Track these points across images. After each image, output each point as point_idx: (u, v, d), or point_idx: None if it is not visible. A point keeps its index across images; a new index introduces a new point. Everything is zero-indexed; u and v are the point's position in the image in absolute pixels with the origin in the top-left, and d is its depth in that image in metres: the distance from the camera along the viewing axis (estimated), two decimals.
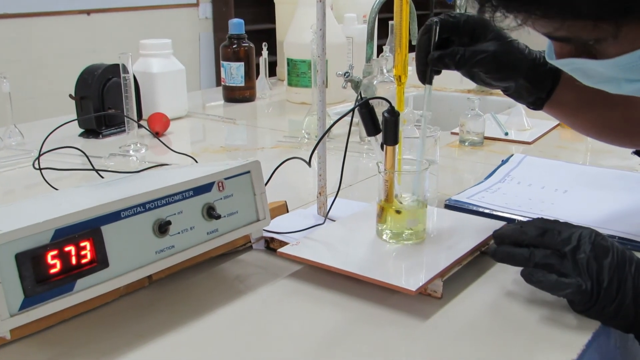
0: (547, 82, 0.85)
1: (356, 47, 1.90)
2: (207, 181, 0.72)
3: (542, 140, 1.38)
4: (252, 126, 1.62)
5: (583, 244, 0.66)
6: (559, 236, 0.67)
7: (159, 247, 0.67)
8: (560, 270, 0.66)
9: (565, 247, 0.66)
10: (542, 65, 0.84)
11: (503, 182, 1.06)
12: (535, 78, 0.84)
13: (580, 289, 0.65)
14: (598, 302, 0.65)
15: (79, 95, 1.39)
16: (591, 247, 0.66)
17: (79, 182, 1.10)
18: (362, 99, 0.75)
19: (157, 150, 1.32)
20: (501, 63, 0.81)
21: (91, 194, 0.74)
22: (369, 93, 1.38)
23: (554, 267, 0.67)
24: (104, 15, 3.86)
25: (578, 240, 0.66)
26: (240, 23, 1.79)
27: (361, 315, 0.68)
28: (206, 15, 4.44)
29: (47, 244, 0.59)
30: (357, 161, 1.26)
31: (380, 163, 0.78)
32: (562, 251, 0.67)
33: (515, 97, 0.87)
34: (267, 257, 0.82)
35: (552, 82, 0.85)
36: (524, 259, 0.69)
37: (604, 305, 0.64)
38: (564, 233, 0.68)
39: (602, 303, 0.64)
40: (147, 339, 0.64)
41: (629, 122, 0.92)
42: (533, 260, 0.68)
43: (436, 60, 0.82)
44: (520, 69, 0.83)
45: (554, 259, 0.67)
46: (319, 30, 0.81)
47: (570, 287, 0.65)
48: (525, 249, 0.69)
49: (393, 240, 0.79)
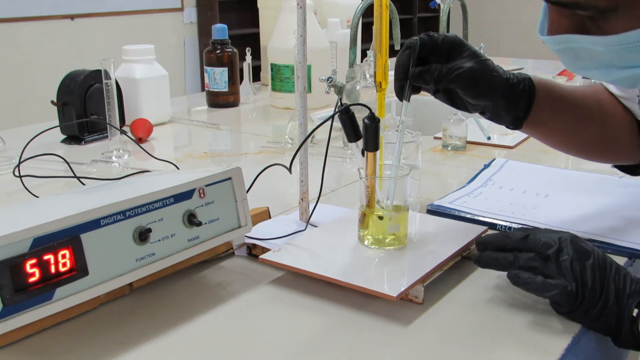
0: (522, 101, 0.85)
1: (340, 52, 1.90)
2: (187, 188, 0.72)
3: (524, 145, 1.39)
4: (236, 131, 1.62)
5: (565, 247, 0.67)
6: (541, 240, 0.68)
7: (140, 254, 0.67)
8: (544, 273, 0.67)
9: (548, 250, 0.67)
10: (517, 85, 0.84)
11: (485, 187, 1.07)
12: (511, 96, 0.84)
13: (566, 290, 0.65)
14: (583, 303, 0.65)
15: (61, 102, 1.38)
16: (573, 250, 0.67)
17: (60, 189, 1.09)
18: (342, 105, 0.75)
19: (140, 157, 1.32)
20: (477, 79, 0.82)
21: (71, 202, 0.73)
22: (352, 98, 1.38)
23: (538, 270, 0.67)
24: (88, 20, 3.84)
25: (559, 243, 0.67)
26: (224, 28, 1.79)
27: (342, 321, 0.68)
28: (191, 19, 4.44)
29: (26, 253, 0.58)
30: (340, 166, 1.26)
31: (362, 169, 0.78)
32: (545, 254, 0.67)
33: (495, 118, 0.87)
34: (249, 263, 0.82)
35: (527, 101, 0.85)
36: (509, 263, 0.69)
37: (589, 307, 0.65)
38: (545, 237, 0.69)
39: (587, 304, 0.65)
40: (128, 347, 0.64)
41: (602, 139, 0.94)
42: (518, 264, 0.69)
43: (416, 76, 0.82)
44: (496, 87, 0.83)
45: (538, 262, 0.68)
46: (300, 36, 0.81)
47: (557, 288, 0.66)
48: (510, 253, 0.70)
49: (375, 246, 0.79)
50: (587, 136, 0.93)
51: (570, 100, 0.91)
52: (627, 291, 0.65)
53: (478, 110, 0.86)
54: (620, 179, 1.10)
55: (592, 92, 0.95)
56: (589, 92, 0.95)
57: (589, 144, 0.94)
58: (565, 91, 0.91)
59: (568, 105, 0.90)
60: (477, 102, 0.84)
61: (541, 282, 0.67)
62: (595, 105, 0.93)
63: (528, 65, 2.61)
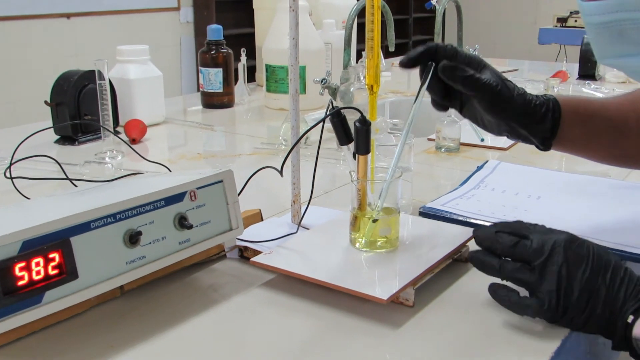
0: (547, 121, 0.84)
1: (335, 53, 1.91)
2: (179, 191, 0.72)
3: (518, 147, 1.39)
4: (230, 132, 1.62)
5: (556, 254, 0.65)
6: (531, 247, 0.67)
7: (130, 257, 0.67)
8: (529, 283, 0.66)
9: (536, 260, 0.66)
10: (539, 106, 0.84)
11: (477, 189, 1.07)
12: (533, 116, 0.83)
13: (541, 309, 0.65)
14: (566, 314, 0.65)
15: (55, 102, 1.38)
16: (564, 257, 0.65)
17: (52, 190, 1.09)
18: (334, 108, 0.75)
19: (133, 158, 1.31)
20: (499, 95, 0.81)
21: (61, 204, 0.73)
22: (346, 100, 1.38)
23: (522, 281, 0.67)
24: (85, 19, 3.84)
25: (551, 250, 0.66)
26: (219, 29, 1.79)
27: (333, 324, 0.69)
28: (187, 19, 4.44)
29: (15, 256, 0.58)
30: (334, 168, 1.26)
31: (353, 172, 0.78)
32: (532, 264, 0.66)
33: (519, 138, 0.87)
34: (240, 266, 0.82)
35: (552, 121, 0.85)
36: (495, 271, 0.69)
37: (573, 316, 0.65)
38: (537, 242, 0.67)
39: (570, 315, 0.65)
40: (118, 350, 0.64)
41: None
42: (503, 273, 0.68)
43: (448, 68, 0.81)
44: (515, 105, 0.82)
45: (523, 274, 0.67)
46: (292, 39, 0.81)
47: (530, 308, 0.66)
48: (497, 260, 0.69)
49: (366, 249, 0.79)
50: (627, 148, 0.90)
51: (602, 114, 0.89)
52: (621, 298, 0.64)
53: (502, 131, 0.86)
54: (612, 180, 1.10)
55: (629, 102, 0.92)
56: (624, 102, 0.92)
57: (631, 155, 0.91)
58: (595, 106, 0.89)
59: (600, 120, 0.88)
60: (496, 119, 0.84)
61: (515, 301, 0.66)
62: (632, 115, 0.90)
63: (523, 67, 2.62)
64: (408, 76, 2.45)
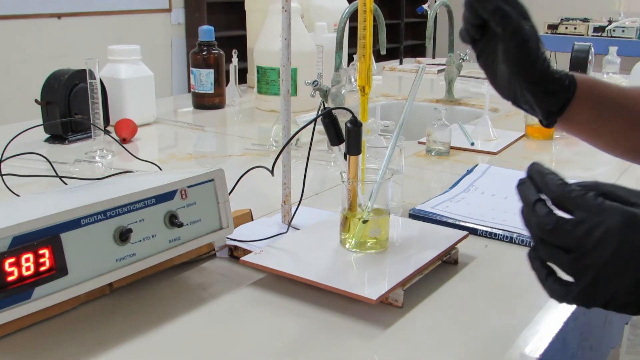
0: (559, 95, 0.80)
1: (327, 56, 1.91)
2: (169, 189, 0.72)
3: (508, 151, 1.40)
4: (221, 133, 1.62)
5: (608, 241, 0.52)
6: (576, 230, 0.53)
7: (120, 255, 0.67)
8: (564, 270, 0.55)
9: (578, 250, 0.53)
10: (557, 79, 0.79)
11: (467, 192, 1.08)
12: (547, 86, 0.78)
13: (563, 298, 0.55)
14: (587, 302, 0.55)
15: (45, 100, 1.38)
16: (616, 247, 0.52)
17: (43, 188, 1.09)
18: (325, 109, 0.75)
19: (123, 157, 1.31)
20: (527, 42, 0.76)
21: (51, 201, 0.73)
22: (338, 102, 1.39)
23: (557, 264, 0.56)
24: (76, 19, 3.82)
25: (598, 240, 0.52)
26: (210, 30, 1.79)
27: (322, 324, 0.69)
28: (179, 20, 4.43)
29: (5, 252, 0.58)
30: (324, 169, 1.26)
31: (344, 173, 0.78)
32: (569, 253, 0.54)
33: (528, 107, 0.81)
34: (230, 265, 0.82)
35: (564, 96, 0.80)
36: (531, 241, 0.58)
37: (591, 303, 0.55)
38: (588, 223, 0.53)
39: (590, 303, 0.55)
40: (107, 347, 0.63)
41: None
42: (537, 253, 0.57)
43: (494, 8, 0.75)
44: (536, 63, 0.77)
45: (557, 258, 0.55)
46: (284, 39, 0.81)
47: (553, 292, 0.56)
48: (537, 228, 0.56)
49: (356, 249, 0.79)
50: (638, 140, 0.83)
51: (620, 101, 0.82)
52: None
53: (510, 89, 0.81)
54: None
55: None
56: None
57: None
58: (613, 91, 0.83)
59: (616, 107, 0.83)
60: (510, 71, 0.78)
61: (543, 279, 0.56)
62: None
63: None
64: (399, 80, 2.47)
